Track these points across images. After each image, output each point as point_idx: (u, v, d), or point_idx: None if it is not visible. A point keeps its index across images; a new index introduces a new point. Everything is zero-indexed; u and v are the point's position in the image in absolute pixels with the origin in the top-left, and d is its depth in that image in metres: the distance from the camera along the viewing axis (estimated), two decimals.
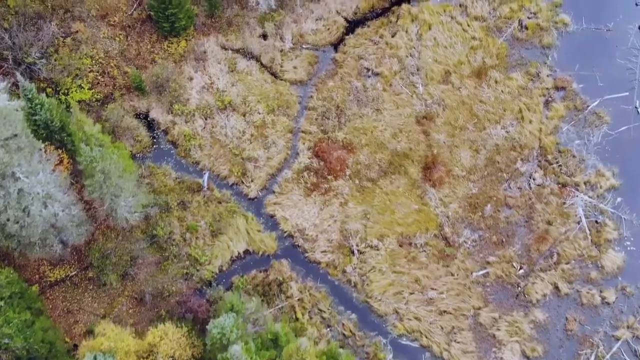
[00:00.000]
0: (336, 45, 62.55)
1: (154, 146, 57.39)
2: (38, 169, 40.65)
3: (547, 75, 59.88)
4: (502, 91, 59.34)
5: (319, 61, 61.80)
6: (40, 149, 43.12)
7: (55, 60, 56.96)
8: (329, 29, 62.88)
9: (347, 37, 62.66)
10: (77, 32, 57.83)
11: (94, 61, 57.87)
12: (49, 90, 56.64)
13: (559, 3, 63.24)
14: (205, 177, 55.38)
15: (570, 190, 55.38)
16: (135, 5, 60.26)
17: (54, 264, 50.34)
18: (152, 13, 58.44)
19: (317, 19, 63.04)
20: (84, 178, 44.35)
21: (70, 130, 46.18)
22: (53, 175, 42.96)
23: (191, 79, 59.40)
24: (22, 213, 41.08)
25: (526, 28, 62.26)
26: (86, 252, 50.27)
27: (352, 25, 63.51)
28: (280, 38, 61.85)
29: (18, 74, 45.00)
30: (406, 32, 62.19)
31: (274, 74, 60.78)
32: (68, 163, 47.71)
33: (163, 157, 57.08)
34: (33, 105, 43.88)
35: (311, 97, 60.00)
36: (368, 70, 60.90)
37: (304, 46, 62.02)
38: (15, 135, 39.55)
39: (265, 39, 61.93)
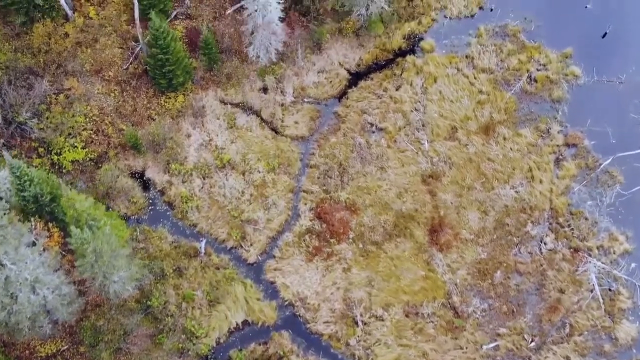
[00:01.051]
0: (339, 99, 60.57)
1: (150, 207, 55.24)
2: (26, 255, 38.56)
3: (558, 132, 57.77)
4: (510, 148, 57.25)
5: (321, 115, 59.75)
6: (29, 230, 41.05)
7: (47, 118, 54.90)
8: (331, 81, 60.84)
9: (350, 90, 60.64)
10: (70, 88, 55.79)
11: (87, 119, 55.78)
12: (40, 150, 54.66)
13: (569, 54, 61.21)
14: (203, 243, 53.22)
15: (583, 256, 53.19)
16: (131, 59, 58.24)
17: (45, 339, 48.12)
18: (148, 69, 56.44)
19: (319, 72, 60.99)
20: (75, 257, 42.20)
21: (60, 203, 44.03)
22: (42, 257, 40.83)
23: (189, 136, 57.34)
24: (9, 299, 38.97)
25: (535, 81, 60.21)
26: (77, 327, 48.05)
27: (355, 77, 61.47)
28: (281, 92, 59.82)
29: (5, 152, 42.97)
30: (411, 85, 60.16)
31: (274, 130, 58.72)
32: (59, 236, 45.58)
33: (159, 219, 54.94)
34: (22, 182, 41.85)
35: (313, 154, 57.91)
36: (372, 125, 58.87)
37: (305, 100, 59.99)
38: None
39: (265, 93, 59.92)
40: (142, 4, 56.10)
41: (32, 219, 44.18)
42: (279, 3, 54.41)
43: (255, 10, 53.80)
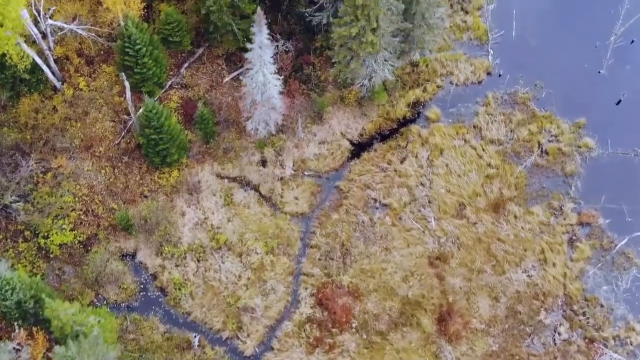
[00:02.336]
0: (341, 172, 57.83)
1: (141, 293, 52.35)
2: None
3: (571, 210, 54.98)
4: (522, 228, 54.43)
5: (322, 190, 56.94)
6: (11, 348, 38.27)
7: (34, 198, 52.19)
8: (332, 153, 58.10)
9: (352, 162, 57.90)
10: (58, 167, 53.07)
11: (76, 198, 53.00)
12: (27, 233, 51.86)
13: (582, 124, 58.48)
14: (196, 340, 50.24)
15: (599, 347, 50.26)
16: (123, 134, 55.53)
17: None
18: (141, 144, 53.72)
19: (320, 143, 58.26)
20: None
21: (45, 310, 41.17)
22: None
23: (183, 214, 54.53)
24: None
25: (547, 153, 57.49)
26: None
27: (358, 148, 58.78)
28: (281, 165, 57.07)
29: None
30: (416, 157, 57.42)
31: (273, 206, 55.95)
32: (44, 340, 42.67)
33: (150, 306, 52.00)
34: (3, 291, 39.08)
35: (314, 232, 55.07)
36: (375, 201, 56.05)
37: (306, 173, 57.21)
38: None
39: (264, 166, 57.17)
40: (135, 78, 53.45)
41: (15, 324, 41.40)
42: (278, 79, 51.82)
43: (254, 88, 51.19)
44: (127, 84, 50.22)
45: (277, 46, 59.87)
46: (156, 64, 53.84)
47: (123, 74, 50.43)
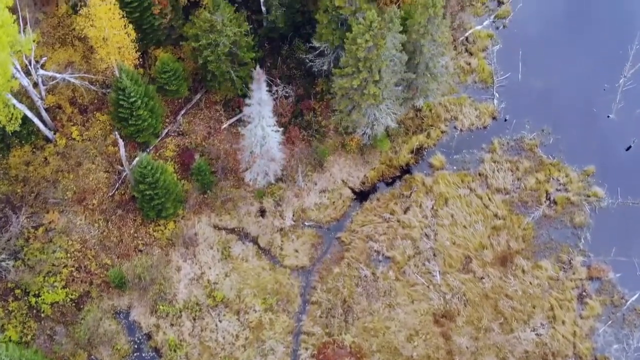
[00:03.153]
0: (342, 222, 55.98)
1: (135, 354, 50.39)
2: None
3: (580, 264, 53.15)
4: (530, 283, 52.55)
5: (323, 242, 55.05)
6: None
7: (25, 255, 50.38)
8: (334, 202, 56.27)
9: (354, 212, 56.09)
10: (50, 222, 51.26)
11: (68, 254, 51.17)
12: (17, 291, 49.99)
13: (591, 172, 56.66)
14: None
15: None
16: (117, 185, 53.71)
17: None
18: (135, 197, 51.95)
19: (321, 192, 56.45)
20: None
21: None
22: None
23: (179, 269, 52.63)
24: None
25: (555, 203, 55.68)
26: None
27: (360, 197, 56.97)
28: (280, 215, 55.21)
29: None
30: (420, 207, 55.60)
31: (273, 259, 54.06)
32: None
33: None
34: None
35: (314, 287, 53.15)
36: (378, 253, 54.16)
37: (306, 223, 55.36)
38: None
39: (263, 217, 55.30)
40: (130, 129, 51.71)
41: None
42: (277, 131, 50.05)
43: (253, 141, 49.44)
44: (120, 141, 48.50)
45: (277, 91, 58.32)
46: (152, 114, 52.12)
47: (117, 132, 48.68)
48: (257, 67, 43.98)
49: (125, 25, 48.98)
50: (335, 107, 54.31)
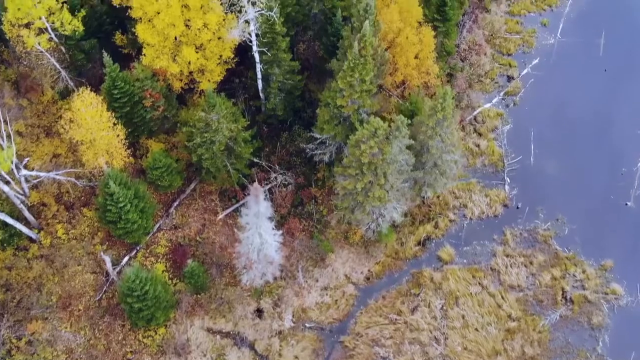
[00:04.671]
0: (346, 323, 52.53)
1: None
2: None
3: None
4: None
5: (324, 346, 51.39)
6: None
7: None
8: (336, 301, 52.77)
9: (358, 312, 52.55)
10: (33, 333, 47.80)
11: None
12: None
13: (608, 266, 53.34)
14: None
15: None
16: (104, 288, 50.28)
17: None
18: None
19: (322, 289, 52.98)
20: None
21: None
22: None
23: None
24: None
25: (571, 302, 52.32)
26: None
27: (364, 294, 53.49)
28: (279, 316, 51.67)
29: None
30: (429, 307, 52.12)
31: None
32: None
33: None
34: None
35: None
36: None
37: (307, 325, 51.84)
38: None
39: (260, 317, 51.75)
40: (118, 232, 48.38)
41: None
42: (275, 234, 46.70)
43: (250, 248, 46.14)
44: (107, 258, 45.19)
45: (276, 177, 55.17)
46: (142, 214, 48.79)
47: (102, 252, 45.41)
48: (255, 183, 40.75)
49: (114, 125, 45.83)
50: (337, 201, 51.10)
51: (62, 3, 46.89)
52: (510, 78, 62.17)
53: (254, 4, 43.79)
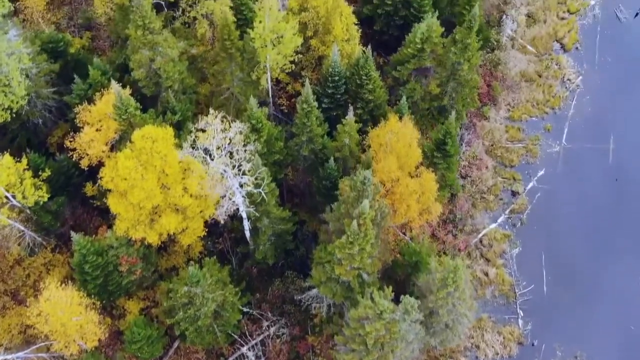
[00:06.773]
0: None
1: None
2: None
3: None
4: None
5: None
6: None
7: None
8: None
9: None
10: None
11: None
12: None
13: None
14: None
15: None
16: None
17: None
18: None
19: None
20: None
21: None
22: None
23: None
24: None
25: None
26: None
27: None
28: None
29: None
30: None
31: None
32: None
33: None
34: None
35: None
36: None
37: None
38: None
39: None
40: None
41: None
42: None
43: None
44: None
45: (268, 327, 50.31)
46: None
47: None
48: None
49: (87, 308, 40.88)
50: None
51: (24, 170, 42.10)
52: (515, 193, 57.67)
53: (241, 185, 39.52)
